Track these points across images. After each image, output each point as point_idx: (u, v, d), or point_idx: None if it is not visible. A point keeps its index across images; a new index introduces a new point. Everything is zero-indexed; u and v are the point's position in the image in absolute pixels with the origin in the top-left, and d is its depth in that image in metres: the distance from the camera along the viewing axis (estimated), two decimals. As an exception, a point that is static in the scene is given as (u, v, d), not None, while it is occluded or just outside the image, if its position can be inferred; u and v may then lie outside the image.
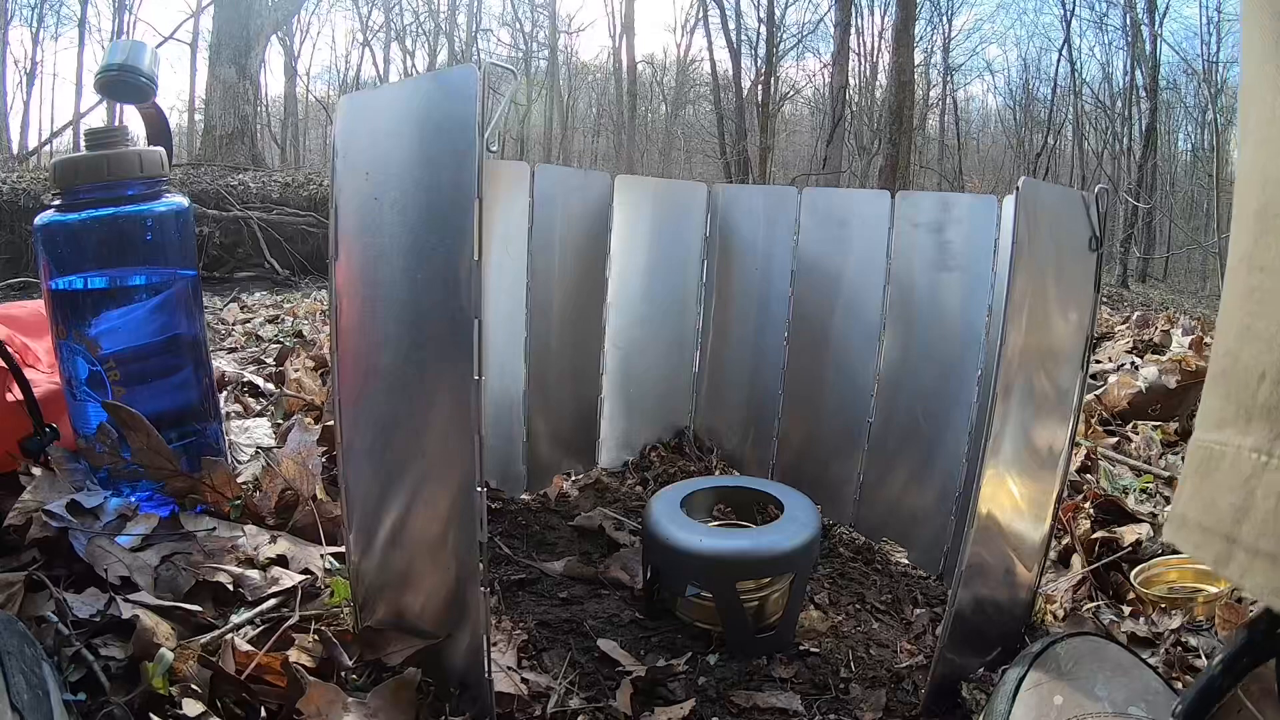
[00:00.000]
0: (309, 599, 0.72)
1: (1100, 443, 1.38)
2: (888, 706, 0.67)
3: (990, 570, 0.71)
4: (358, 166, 0.60)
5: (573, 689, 0.66)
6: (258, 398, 1.40)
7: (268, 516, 0.84)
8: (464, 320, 0.53)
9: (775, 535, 0.75)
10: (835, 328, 1.06)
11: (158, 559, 0.71)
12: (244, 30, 6.97)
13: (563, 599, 0.82)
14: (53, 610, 0.61)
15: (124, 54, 0.84)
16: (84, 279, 0.81)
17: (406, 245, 0.58)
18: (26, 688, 0.46)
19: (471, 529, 0.56)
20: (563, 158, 15.02)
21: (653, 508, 0.79)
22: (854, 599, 0.85)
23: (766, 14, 11.62)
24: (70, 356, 0.82)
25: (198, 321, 0.89)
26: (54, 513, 0.70)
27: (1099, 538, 0.94)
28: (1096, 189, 0.70)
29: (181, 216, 0.85)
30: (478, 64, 0.53)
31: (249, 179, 5.50)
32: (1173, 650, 0.75)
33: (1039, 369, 0.69)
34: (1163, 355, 2.06)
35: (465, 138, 0.52)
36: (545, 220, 1.04)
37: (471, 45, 14.66)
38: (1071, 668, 0.59)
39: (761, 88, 11.38)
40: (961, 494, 0.89)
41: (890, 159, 7.30)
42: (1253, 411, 0.32)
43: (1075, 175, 11.88)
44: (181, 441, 0.86)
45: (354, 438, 0.63)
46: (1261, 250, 0.32)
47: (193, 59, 11.55)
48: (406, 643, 0.62)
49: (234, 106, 6.85)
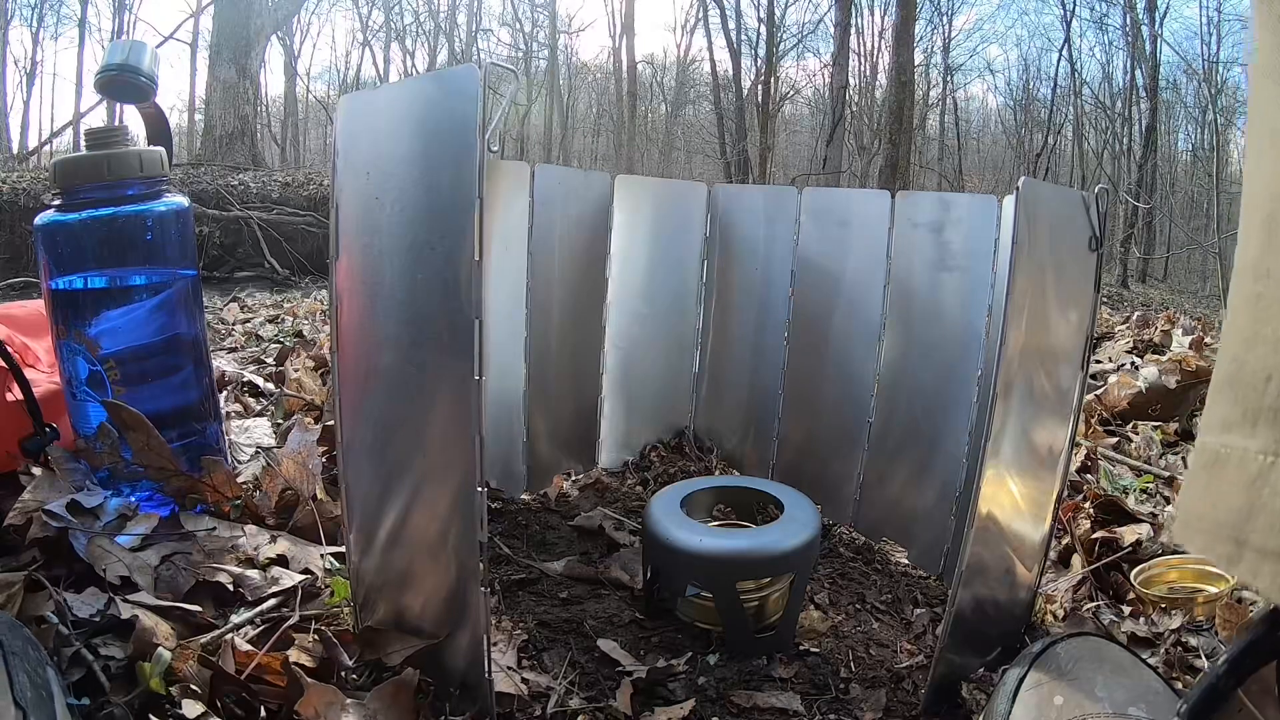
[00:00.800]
0: (309, 599, 0.72)
1: (1100, 443, 1.38)
2: (888, 706, 0.67)
3: (990, 570, 0.71)
4: (358, 166, 0.60)
5: (573, 689, 0.66)
6: (258, 397, 1.40)
7: (268, 516, 0.84)
8: (464, 320, 0.53)
9: (775, 535, 0.75)
10: (835, 328, 1.06)
11: (158, 559, 0.71)
12: (244, 30, 6.97)
13: (563, 599, 0.82)
14: (52, 610, 0.61)
15: (124, 54, 0.84)
16: (84, 279, 0.81)
17: (407, 245, 0.58)
18: (30, 686, 0.46)
19: (471, 529, 0.56)
20: (563, 158, 15.02)
21: (653, 508, 0.79)
22: (854, 599, 0.85)
23: (766, 14, 11.63)
24: (70, 356, 0.82)
25: (198, 321, 0.89)
26: (54, 512, 0.70)
27: (1099, 538, 0.94)
28: (1096, 189, 0.70)
29: (181, 216, 0.85)
30: (478, 64, 0.53)
31: (249, 179, 5.50)
32: (1173, 650, 0.75)
33: (1039, 369, 0.69)
34: (1163, 355, 2.06)
35: (466, 138, 0.52)
36: (545, 220, 1.04)
37: (471, 45, 14.67)
38: (1072, 668, 0.59)
39: (761, 88, 11.39)
40: (961, 494, 0.89)
41: (890, 159, 7.30)
42: (1259, 414, 0.32)
43: (1075, 175, 11.89)
44: (182, 441, 0.86)
45: (354, 437, 0.63)
46: (1268, 257, 0.33)
47: (193, 59, 11.56)
48: (406, 643, 0.62)
49: (234, 106, 6.85)
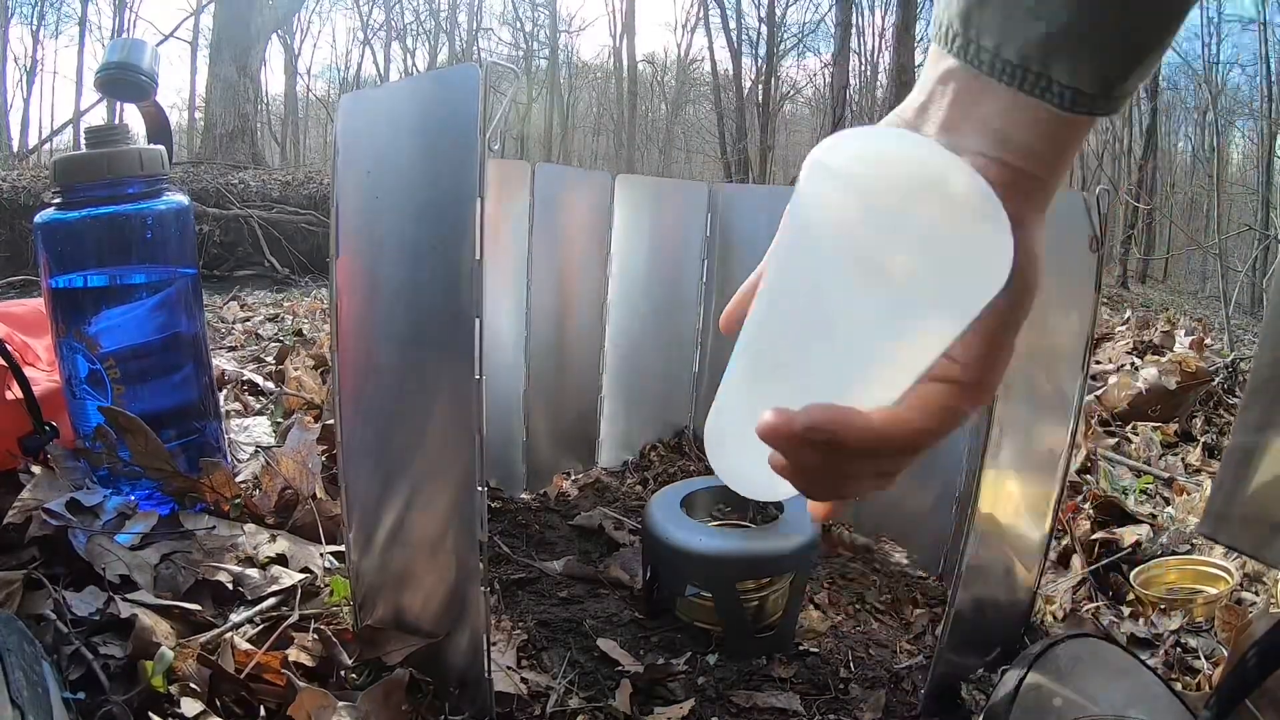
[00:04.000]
0: (308, 598, 0.72)
1: (1100, 443, 1.38)
2: (887, 706, 0.67)
3: (990, 571, 0.71)
4: (359, 165, 0.60)
5: (572, 688, 0.66)
6: (257, 396, 1.40)
7: (267, 515, 0.84)
8: (464, 320, 0.53)
9: (775, 535, 0.75)
10: (835, 328, 1.06)
11: (157, 557, 0.71)
12: (245, 28, 6.96)
13: (562, 599, 0.82)
14: (51, 609, 0.61)
15: (124, 52, 0.84)
16: (84, 277, 0.81)
17: (407, 244, 0.58)
18: (26, 684, 0.46)
19: (471, 528, 0.56)
20: (563, 157, 15.01)
21: (653, 508, 0.79)
22: (854, 599, 0.85)
23: (767, 14, 11.63)
24: (70, 355, 0.81)
25: (198, 320, 0.88)
26: (53, 511, 0.70)
27: (1099, 539, 0.94)
28: (1097, 190, 0.70)
29: (181, 215, 0.85)
30: (479, 63, 0.53)
31: (249, 177, 5.49)
32: (1172, 651, 0.75)
33: (1039, 370, 0.69)
34: (1163, 356, 2.06)
35: (467, 137, 0.52)
36: (546, 219, 1.04)
37: (472, 44, 14.66)
38: (1071, 669, 0.59)
39: (761, 87, 11.38)
40: (961, 494, 0.89)
41: (890, 159, 7.26)
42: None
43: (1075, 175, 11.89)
44: (181, 440, 0.86)
45: (354, 436, 0.63)
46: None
47: (193, 57, 11.54)
48: (406, 642, 0.62)
49: (234, 105, 6.84)
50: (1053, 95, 0.25)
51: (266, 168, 6.69)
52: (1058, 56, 0.24)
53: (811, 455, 0.25)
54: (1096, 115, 0.25)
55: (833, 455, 0.25)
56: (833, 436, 0.24)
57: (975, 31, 0.25)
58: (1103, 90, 0.25)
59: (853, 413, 0.25)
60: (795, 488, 0.28)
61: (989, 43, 0.25)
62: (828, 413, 0.24)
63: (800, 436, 0.24)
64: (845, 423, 0.24)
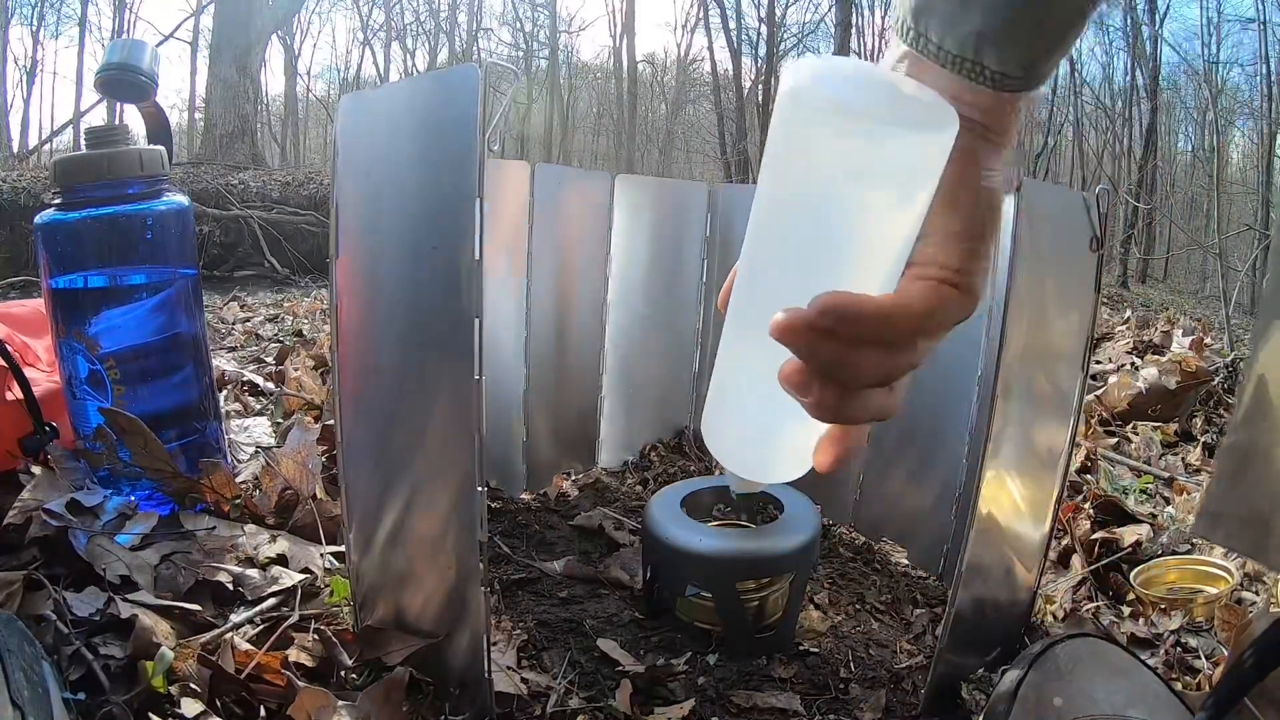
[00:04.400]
0: (309, 598, 0.72)
1: (1100, 443, 1.38)
2: (887, 706, 0.67)
3: (990, 570, 0.71)
4: (359, 165, 0.60)
5: (572, 688, 0.66)
6: (258, 396, 1.40)
7: (267, 516, 0.84)
8: (464, 320, 0.53)
9: (775, 535, 0.75)
10: (835, 328, 1.06)
11: (157, 558, 0.71)
12: (245, 29, 6.96)
13: (562, 599, 0.82)
14: (52, 609, 0.61)
15: (124, 53, 0.84)
16: (84, 278, 0.81)
17: (407, 244, 0.58)
18: (27, 685, 0.46)
19: (471, 528, 0.56)
20: (563, 157, 15.01)
21: (653, 508, 0.79)
22: (854, 599, 0.85)
23: (767, 13, 11.62)
24: (70, 355, 0.81)
25: (198, 320, 0.89)
26: (53, 511, 0.70)
27: (1099, 538, 0.94)
28: (1097, 190, 0.70)
29: (182, 215, 0.85)
30: (479, 64, 0.53)
31: (249, 178, 5.49)
32: (1172, 651, 0.75)
33: (1039, 369, 0.69)
34: (1162, 356, 2.06)
35: (467, 137, 0.52)
36: (546, 220, 1.04)
37: (472, 45, 14.65)
38: (1071, 669, 0.59)
39: (761, 87, 11.38)
40: (961, 494, 0.89)
41: (890, 159, 7.27)
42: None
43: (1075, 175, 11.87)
44: (181, 440, 0.86)
45: (354, 436, 0.63)
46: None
47: (193, 58, 11.53)
48: (406, 642, 0.62)
49: (234, 105, 6.84)
50: (985, 79, 0.30)
51: (266, 168, 6.69)
52: (987, 49, 0.29)
53: (825, 344, 0.25)
54: (1025, 91, 0.30)
55: (847, 344, 0.26)
56: (845, 313, 0.25)
57: (924, 27, 0.30)
58: (1026, 73, 0.30)
59: (859, 294, 0.26)
60: (807, 398, 0.27)
61: (934, 36, 0.30)
62: (836, 295, 0.25)
63: (813, 321, 0.25)
64: (854, 300, 0.25)
